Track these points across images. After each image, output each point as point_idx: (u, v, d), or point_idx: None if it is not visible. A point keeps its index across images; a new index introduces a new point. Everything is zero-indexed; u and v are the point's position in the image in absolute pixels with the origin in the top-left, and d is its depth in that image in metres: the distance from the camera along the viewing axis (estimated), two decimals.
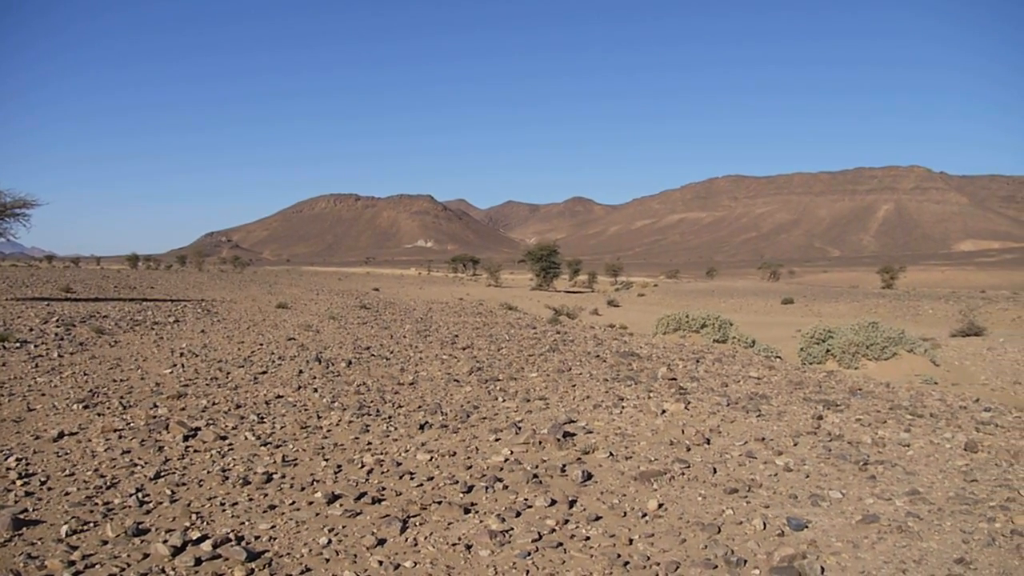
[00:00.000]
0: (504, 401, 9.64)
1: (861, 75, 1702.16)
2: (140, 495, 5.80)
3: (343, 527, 5.41)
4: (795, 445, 7.71)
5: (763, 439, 7.87)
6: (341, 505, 5.80)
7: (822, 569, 4.90)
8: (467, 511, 5.73)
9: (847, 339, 19.38)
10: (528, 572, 4.82)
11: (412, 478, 6.49)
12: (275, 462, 6.79)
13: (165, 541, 4.94)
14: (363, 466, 6.78)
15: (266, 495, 5.96)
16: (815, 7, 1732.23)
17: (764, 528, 5.56)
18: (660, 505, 5.98)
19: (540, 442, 7.54)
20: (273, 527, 5.35)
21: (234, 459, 6.84)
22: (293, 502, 5.83)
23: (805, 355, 19.80)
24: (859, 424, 8.66)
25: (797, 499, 6.19)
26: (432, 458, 7.07)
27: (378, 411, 8.92)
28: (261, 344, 14.20)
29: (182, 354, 12.63)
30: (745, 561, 5.03)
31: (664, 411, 8.91)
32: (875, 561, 5.05)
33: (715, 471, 6.84)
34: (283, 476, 6.42)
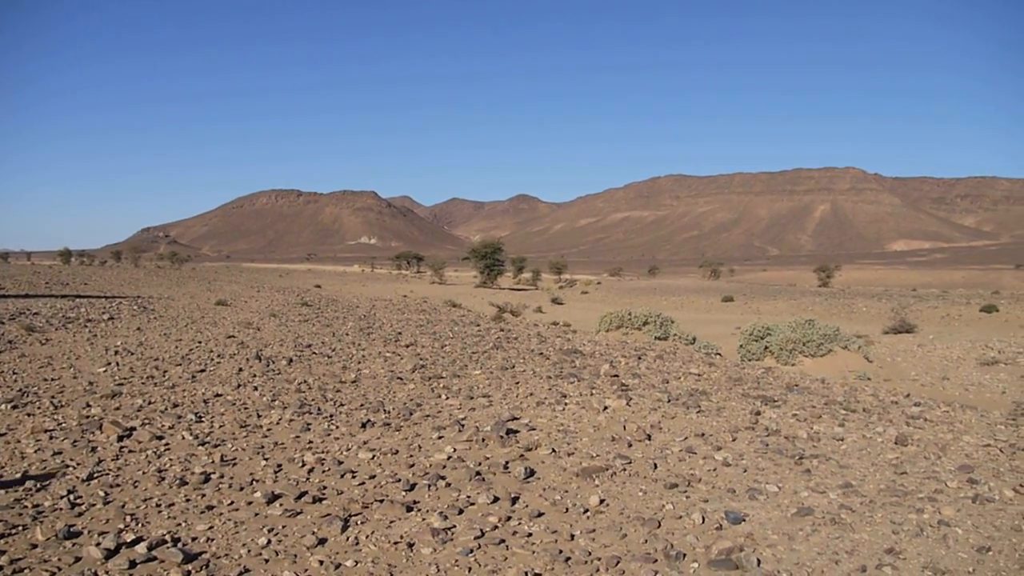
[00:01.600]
0: (447, 399, 9.62)
1: (799, 78, 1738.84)
2: (72, 497, 5.65)
3: (283, 527, 5.35)
4: (734, 440, 7.85)
5: (703, 435, 8.00)
6: (281, 505, 5.73)
7: (758, 561, 5.00)
8: (409, 509, 5.71)
9: (785, 336, 19.80)
10: (470, 569, 4.82)
11: (354, 476, 6.44)
12: (213, 462, 6.68)
13: (98, 544, 4.82)
14: (304, 465, 6.70)
15: (204, 495, 5.86)
16: (751, 12, 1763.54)
17: (703, 522, 5.65)
18: (602, 501, 6.03)
19: (483, 439, 7.55)
20: (211, 528, 5.26)
21: (171, 459, 6.70)
22: (232, 502, 5.74)
23: (744, 352, 20.17)
24: (795, 419, 8.86)
25: (735, 493, 6.31)
26: (374, 456, 7.03)
27: (319, 409, 8.83)
28: (199, 342, 13.94)
29: (117, 352, 12.33)
30: (684, 555, 5.11)
31: (606, 408, 8.99)
32: (809, 552, 5.18)
33: (656, 466, 6.93)
34: (221, 476, 6.31)
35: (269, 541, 5.10)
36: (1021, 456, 7.51)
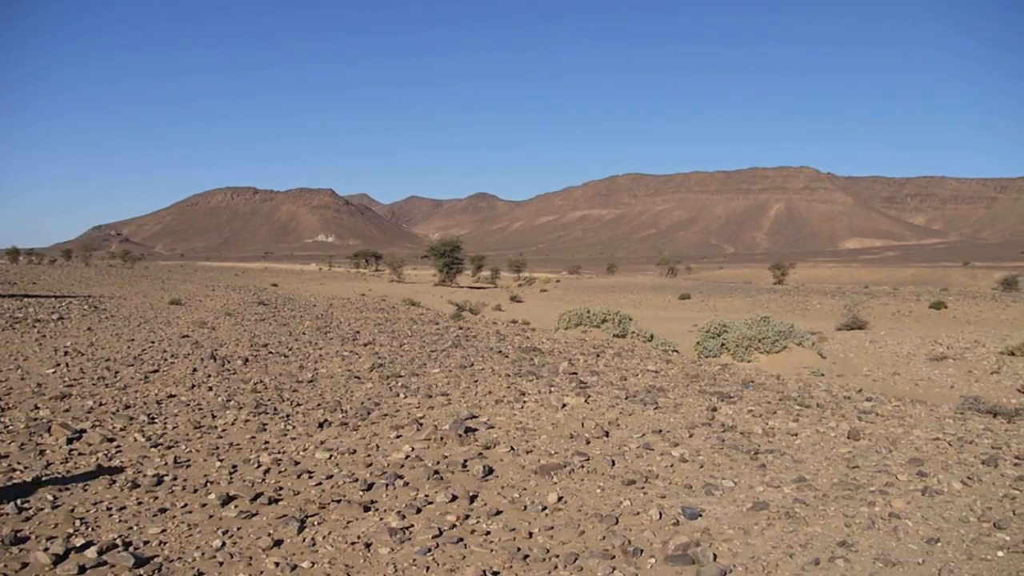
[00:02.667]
0: (406, 397, 9.57)
1: (754, 79, 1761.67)
2: (19, 501, 5.50)
3: (238, 529, 5.28)
4: (690, 436, 7.92)
5: (660, 431, 8.06)
6: (236, 506, 5.65)
7: (714, 556, 5.05)
8: (367, 509, 5.67)
9: (740, 333, 20.04)
10: (428, 569, 4.80)
11: (311, 477, 6.38)
12: (166, 464, 6.57)
13: (46, 549, 4.71)
14: (260, 466, 6.62)
15: (156, 498, 5.75)
16: (706, 15, 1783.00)
17: (660, 518, 5.69)
18: (560, 498, 6.05)
19: (442, 438, 7.52)
20: (163, 531, 5.17)
21: (122, 461, 6.57)
22: (185, 504, 5.65)
23: (701, 349, 20.37)
24: (751, 415, 8.97)
25: (692, 489, 6.37)
26: (331, 456, 6.96)
27: (276, 409, 8.73)
28: (152, 342, 13.69)
29: (66, 353, 12.05)
30: (642, 551, 5.15)
31: (565, 405, 9.02)
32: (764, 546, 5.24)
33: (614, 463, 6.97)
34: (175, 478, 6.21)
35: (223, 543, 5.03)
36: (969, 449, 7.68)
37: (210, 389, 9.67)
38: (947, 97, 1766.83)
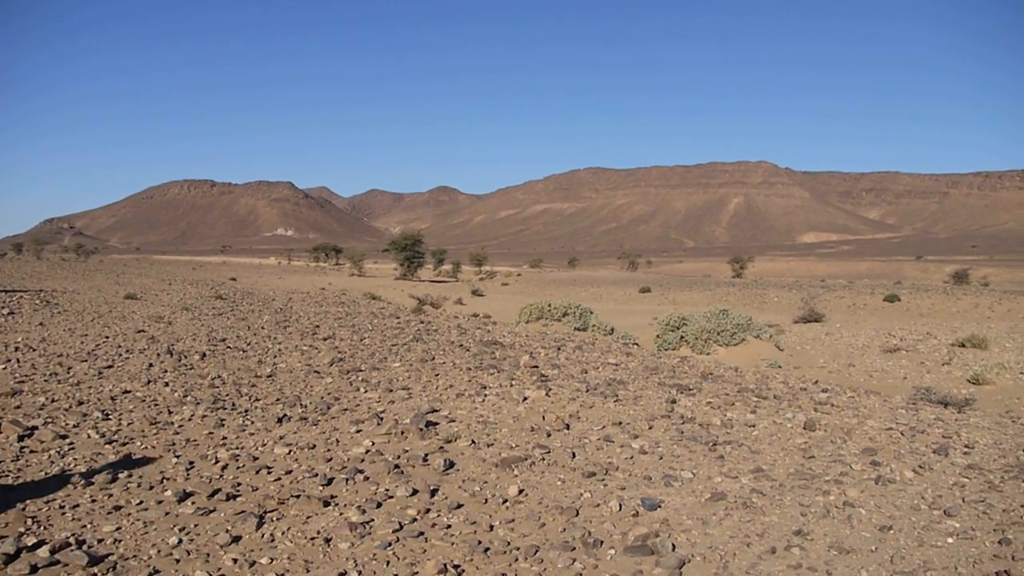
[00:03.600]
0: (366, 392, 9.52)
1: (713, 74, 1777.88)
2: None
3: (195, 526, 5.21)
4: (650, 428, 7.99)
5: (620, 423, 8.12)
6: (193, 503, 5.58)
7: (673, 546, 5.11)
8: (327, 504, 5.63)
9: (699, 326, 20.25)
10: (388, 563, 4.79)
11: (269, 472, 6.32)
12: (121, 460, 6.45)
13: None
14: (217, 462, 6.54)
15: (111, 496, 5.65)
16: (663, 13, 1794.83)
17: (620, 509, 5.74)
18: (521, 491, 6.07)
19: (402, 432, 7.50)
20: (118, 529, 5.08)
21: (75, 459, 6.44)
22: (141, 502, 5.56)
23: (661, 342, 20.55)
24: (709, 407, 9.07)
25: (651, 480, 6.43)
26: (291, 451, 6.91)
27: (234, 405, 8.63)
28: (107, 337, 13.44)
29: (17, 348, 11.78)
30: (602, 542, 5.19)
31: (526, 398, 9.04)
32: (722, 536, 5.31)
33: (574, 455, 7.01)
34: (130, 475, 6.10)
35: (180, 540, 4.96)
36: (920, 439, 7.86)
37: (166, 384, 9.52)
38: (901, 93, 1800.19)
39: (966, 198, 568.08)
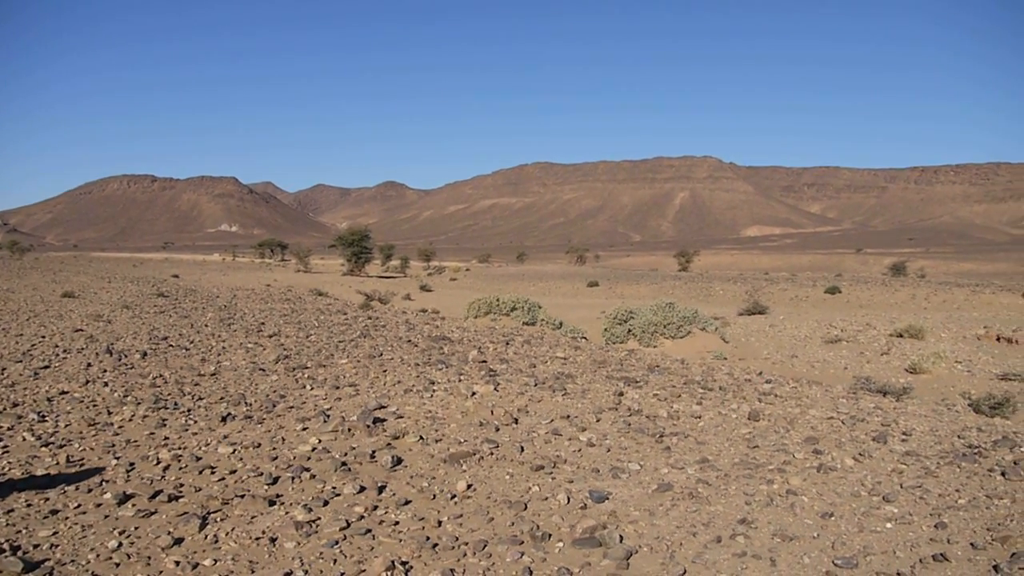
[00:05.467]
0: (312, 389, 9.41)
1: (658, 71, 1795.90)
2: None
3: (135, 528, 5.09)
4: (598, 421, 8.04)
5: (568, 417, 8.16)
6: (134, 505, 5.45)
7: (621, 537, 5.15)
8: (272, 503, 5.56)
9: (646, 319, 20.44)
10: (335, 561, 4.74)
11: (213, 472, 6.20)
12: (58, 463, 6.28)
13: None
14: (159, 463, 6.40)
15: (47, 499, 5.50)
16: (608, 9, 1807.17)
17: (568, 502, 5.77)
18: (469, 486, 6.06)
19: (349, 429, 7.43)
20: (55, 533, 4.94)
21: (9, 462, 6.25)
22: (78, 505, 5.42)
23: (608, 335, 20.69)
24: (656, 399, 9.16)
25: (599, 473, 6.47)
26: (235, 451, 6.79)
27: (176, 404, 8.45)
28: (43, 336, 13.06)
29: None
30: (550, 535, 5.20)
31: (474, 393, 9.02)
32: (668, 526, 5.37)
33: (522, 449, 7.02)
34: (67, 478, 5.94)
35: (120, 544, 4.84)
36: (860, 427, 8.04)
37: (106, 385, 9.29)
38: (842, 89, 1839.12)
39: (903, 192, 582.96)
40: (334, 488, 5.90)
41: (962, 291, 40.79)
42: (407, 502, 5.70)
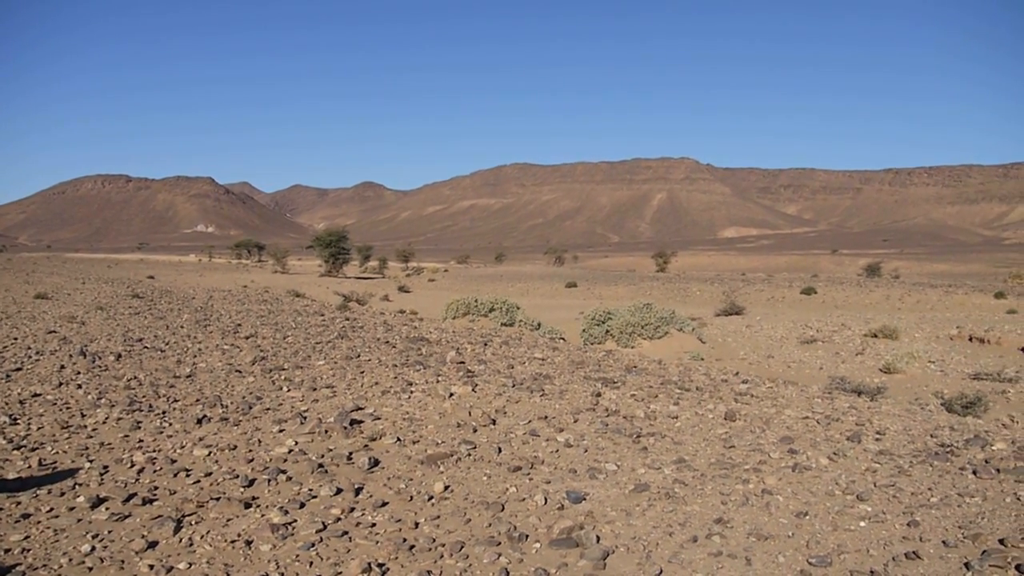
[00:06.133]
0: (289, 391, 9.36)
1: (636, 73, 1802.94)
2: None
3: (109, 532, 5.04)
4: (575, 422, 8.06)
5: (546, 417, 8.17)
6: (107, 508, 5.40)
7: (597, 538, 5.17)
8: (248, 506, 5.52)
9: (624, 320, 20.52)
10: (312, 564, 4.72)
11: (188, 475, 6.15)
12: (30, 466, 6.20)
13: None
14: (133, 465, 6.34)
15: (19, 503, 5.43)
16: (587, 10, 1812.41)
17: (545, 503, 5.78)
18: (446, 487, 6.05)
19: (326, 431, 7.40)
20: (27, 538, 4.89)
21: None
22: (51, 509, 5.36)
23: (587, 336, 20.76)
24: (633, 399, 9.19)
25: (576, 473, 6.48)
26: (211, 453, 6.74)
27: (151, 406, 8.38)
28: (15, 338, 12.90)
29: None
30: (527, 536, 5.21)
31: (452, 394, 9.01)
32: (645, 527, 5.40)
33: (500, 450, 7.02)
34: (39, 481, 5.87)
35: (93, 548, 4.80)
36: (835, 426, 8.11)
37: (79, 387, 9.19)
38: (816, 92, 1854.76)
39: (878, 194, 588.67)
40: (311, 490, 5.88)
41: (935, 292, 41.29)
42: (384, 504, 5.69)
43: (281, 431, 7.49)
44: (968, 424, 8.84)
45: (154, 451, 6.77)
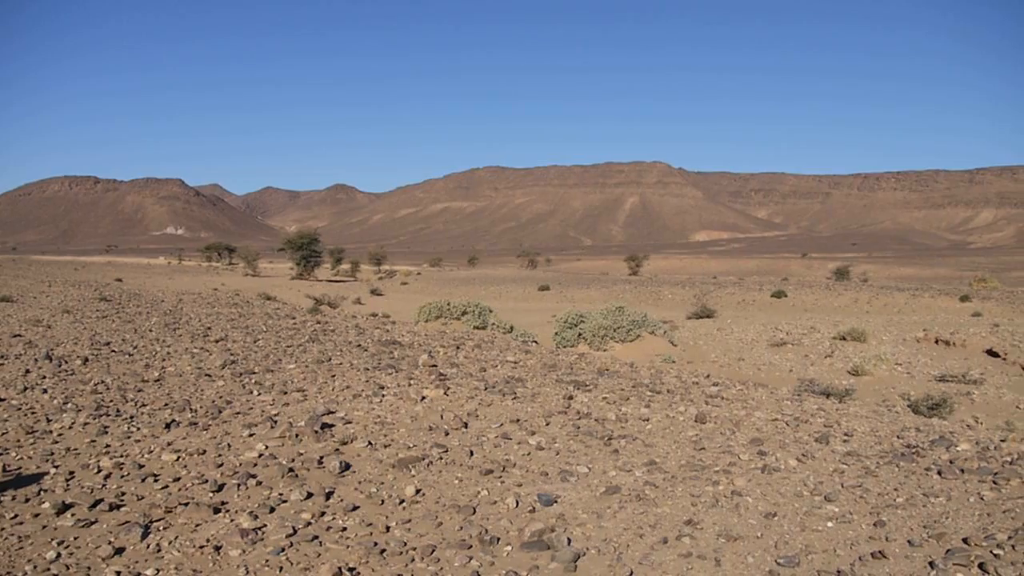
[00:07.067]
0: (259, 395, 9.28)
1: (608, 77, 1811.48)
2: None
3: (75, 538, 4.98)
4: (547, 424, 8.08)
5: (518, 420, 8.18)
6: (73, 515, 5.33)
7: (569, 540, 5.19)
8: (217, 511, 5.47)
9: (597, 323, 20.60)
10: (281, 569, 4.69)
11: (156, 480, 6.09)
12: None
13: None
14: (100, 471, 6.26)
15: None
16: (563, 17, 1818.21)
17: (517, 506, 5.79)
18: (418, 491, 6.04)
19: (297, 435, 7.35)
20: None
21: None
22: (15, 515, 5.28)
23: (559, 339, 20.81)
24: (605, 402, 9.23)
25: (548, 476, 6.50)
26: (179, 458, 6.67)
27: (119, 411, 8.27)
28: None
29: None
30: (498, 539, 5.22)
31: (424, 398, 9.00)
32: (616, 528, 5.42)
33: (472, 454, 7.02)
34: (3, 488, 5.78)
35: (59, 554, 4.73)
36: (804, 428, 8.21)
37: (45, 391, 9.05)
38: (786, 97, 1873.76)
39: (847, 198, 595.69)
40: (281, 495, 5.84)
41: (903, 295, 41.85)
42: (355, 508, 5.66)
43: (251, 435, 7.43)
44: (934, 425, 8.98)
45: (121, 456, 6.68)
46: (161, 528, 5.19)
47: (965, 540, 5.02)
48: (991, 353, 20.13)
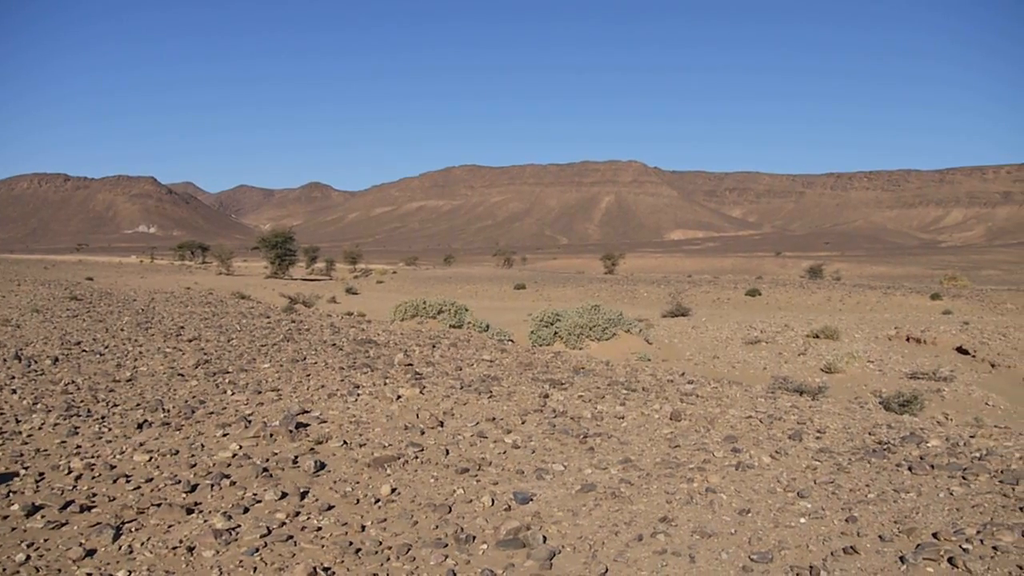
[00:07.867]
0: (233, 394, 9.21)
1: (583, 77, 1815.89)
2: None
3: (45, 540, 4.91)
4: (523, 423, 8.09)
5: (494, 419, 8.18)
6: (43, 516, 5.25)
7: (544, 538, 5.20)
8: (190, 512, 5.42)
9: (573, 322, 20.65)
10: (256, 569, 4.66)
11: (128, 481, 6.02)
12: None
13: None
14: (70, 472, 6.18)
15: None
16: (538, 16, 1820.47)
17: (492, 504, 5.79)
18: (393, 490, 6.03)
19: (271, 434, 7.30)
20: None
21: None
22: None
23: (535, 337, 20.83)
24: (581, 400, 9.26)
25: (524, 474, 6.51)
26: (152, 458, 6.60)
27: (90, 411, 8.17)
28: None
29: None
30: (474, 537, 5.22)
31: (400, 397, 8.97)
32: (591, 526, 5.44)
33: (448, 452, 7.01)
34: None
35: (28, 557, 4.67)
36: (778, 425, 8.28)
37: (14, 392, 8.92)
38: (760, 97, 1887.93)
39: (820, 198, 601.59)
40: (255, 495, 5.80)
41: (875, 293, 42.34)
42: (330, 507, 5.64)
43: (225, 435, 7.37)
44: (905, 422, 9.09)
45: (92, 457, 6.60)
46: (133, 529, 5.13)
47: (935, 535, 5.08)
48: (961, 350, 20.43)
